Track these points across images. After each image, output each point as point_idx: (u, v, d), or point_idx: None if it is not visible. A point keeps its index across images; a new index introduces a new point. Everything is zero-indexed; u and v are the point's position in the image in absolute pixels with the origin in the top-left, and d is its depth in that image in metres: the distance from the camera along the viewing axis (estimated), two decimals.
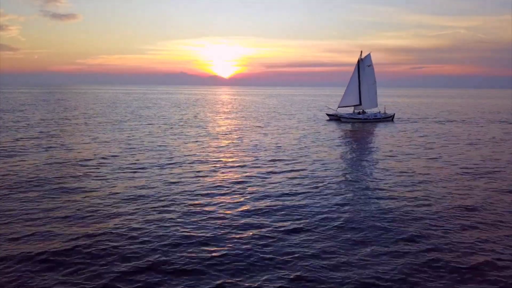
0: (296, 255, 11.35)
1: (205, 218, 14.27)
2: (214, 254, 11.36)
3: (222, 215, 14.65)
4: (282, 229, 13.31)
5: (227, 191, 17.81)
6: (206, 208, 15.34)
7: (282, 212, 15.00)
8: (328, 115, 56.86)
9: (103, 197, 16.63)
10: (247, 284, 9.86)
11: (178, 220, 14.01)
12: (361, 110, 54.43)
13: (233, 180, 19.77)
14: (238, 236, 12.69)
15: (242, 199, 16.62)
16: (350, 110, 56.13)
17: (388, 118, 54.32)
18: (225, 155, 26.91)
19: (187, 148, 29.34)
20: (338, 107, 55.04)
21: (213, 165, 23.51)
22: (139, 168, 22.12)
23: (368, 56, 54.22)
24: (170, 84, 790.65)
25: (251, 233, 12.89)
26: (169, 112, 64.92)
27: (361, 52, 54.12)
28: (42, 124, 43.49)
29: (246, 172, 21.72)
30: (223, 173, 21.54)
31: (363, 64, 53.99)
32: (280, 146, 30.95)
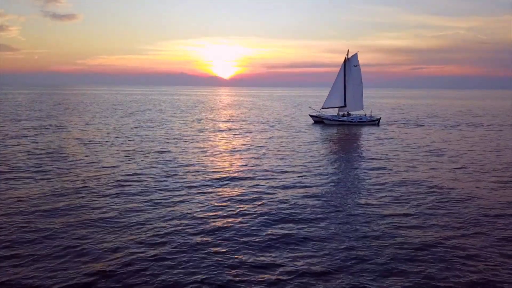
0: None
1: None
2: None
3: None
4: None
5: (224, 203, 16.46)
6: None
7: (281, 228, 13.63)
8: (311, 116, 53.29)
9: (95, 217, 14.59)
10: None
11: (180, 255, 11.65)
12: (346, 112, 50.87)
13: (224, 194, 17.86)
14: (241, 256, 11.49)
15: (240, 217, 14.78)
16: (334, 111, 52.61)
17: (374, 122, 50.72)
18: (222, 164, 24.23)
19: (187, 158, 26.19)
20: (322, 108, 51.54)
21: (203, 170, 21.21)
22: (136, 181, 19.62)
23: (355, 55, 50.67)
24: (170, 85, 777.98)
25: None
26: (168, 116, 60.61)
27: (348, 51, 50.67)
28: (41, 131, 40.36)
29: (231, 185, 19.41)
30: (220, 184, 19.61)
31: (350, 64, 50.47)
32: (275, 156, 27.63)
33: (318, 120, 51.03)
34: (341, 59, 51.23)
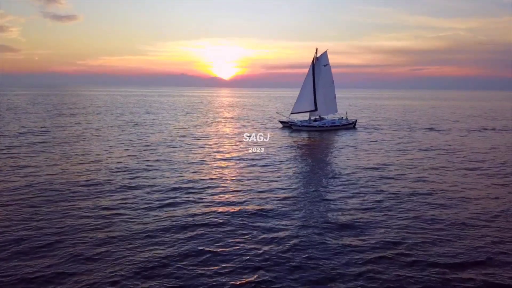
0: None
1: None
2: None
3: None
4: None
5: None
6: None
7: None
8: (281, 122, 47.75)
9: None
10: None
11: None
12: (318, 117, 45.24)
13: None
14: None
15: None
16: (306, 116, 46.93)
17: (349, 125, 45.16)
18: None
19: (174, 170, 22.85)
20: (291, 113, 45.65)
21: None
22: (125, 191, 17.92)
23: (325, 54, 45.06)
24: (170, 86, 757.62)
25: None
26: (166, 119, 55.16)
27: (316, 49, 44.96)
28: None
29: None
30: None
31: (319, 64, 44.79)
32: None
33: (288, 125, 45.50)
34: (340, 60, 45.62)
